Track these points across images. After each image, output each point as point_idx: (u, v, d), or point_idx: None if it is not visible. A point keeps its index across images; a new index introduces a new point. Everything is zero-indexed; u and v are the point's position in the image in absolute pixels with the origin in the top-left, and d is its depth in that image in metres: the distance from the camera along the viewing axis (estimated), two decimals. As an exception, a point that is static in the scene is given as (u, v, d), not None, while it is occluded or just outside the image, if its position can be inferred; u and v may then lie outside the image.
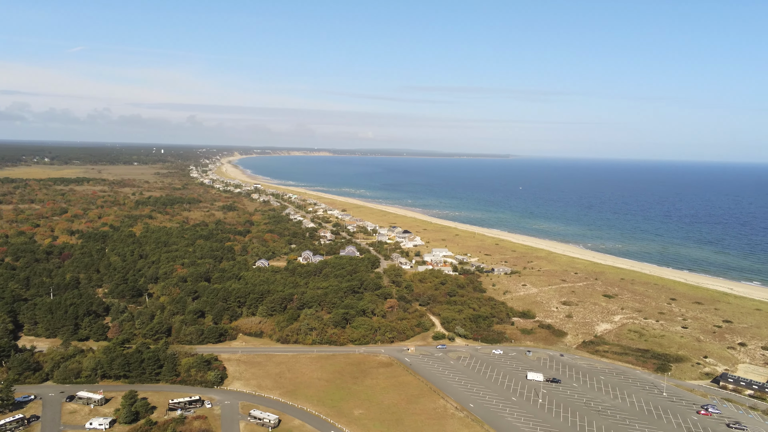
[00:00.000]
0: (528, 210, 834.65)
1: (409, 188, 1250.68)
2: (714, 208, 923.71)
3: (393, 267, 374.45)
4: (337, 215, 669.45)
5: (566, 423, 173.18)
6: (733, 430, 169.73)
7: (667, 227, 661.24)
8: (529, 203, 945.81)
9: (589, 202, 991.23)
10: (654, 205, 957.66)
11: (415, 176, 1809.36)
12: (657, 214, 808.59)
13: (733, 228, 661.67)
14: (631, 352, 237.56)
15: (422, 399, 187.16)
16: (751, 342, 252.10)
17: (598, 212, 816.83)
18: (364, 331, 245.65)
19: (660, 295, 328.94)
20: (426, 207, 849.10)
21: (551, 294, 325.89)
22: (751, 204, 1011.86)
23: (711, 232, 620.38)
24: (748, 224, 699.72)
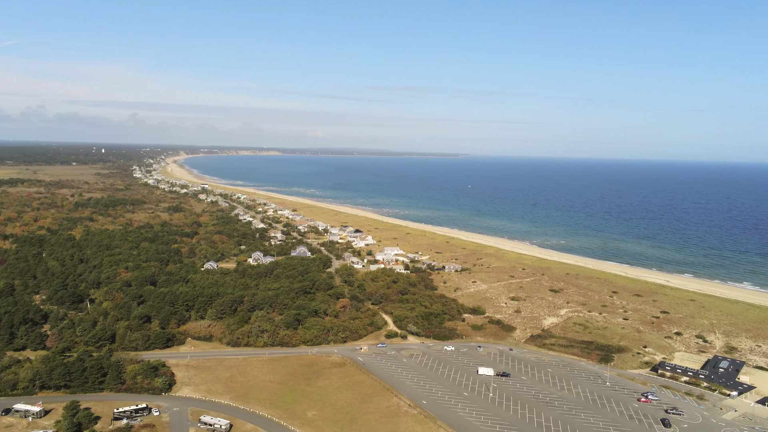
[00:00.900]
0: (477, 208, 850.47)
1: (360, 187, 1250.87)
2: (650, 204, 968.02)
3: (345, 266, 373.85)
4: (288, 215, 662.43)
5: (516, 415, 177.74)
6: (670, 415, 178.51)
7: (608, 223, 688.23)
8: (477, 201, 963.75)
9: (534, 199, 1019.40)
10: (595, 201, 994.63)
11: (366, 175, 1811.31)
12: (598, 210, 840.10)
13: (668, 223, 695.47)
14: (577, 345, 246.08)
15: (376, 398, 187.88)
16: (686, 331, 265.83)
17: (543, 209, 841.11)
18: (317, 331, 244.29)
19: (603, 288, 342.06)
20: (377, 206, 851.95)
21: (500, 290, 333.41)
22: (683, 200, 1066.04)
23: (648, 228, 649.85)
24: (681, 220, 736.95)
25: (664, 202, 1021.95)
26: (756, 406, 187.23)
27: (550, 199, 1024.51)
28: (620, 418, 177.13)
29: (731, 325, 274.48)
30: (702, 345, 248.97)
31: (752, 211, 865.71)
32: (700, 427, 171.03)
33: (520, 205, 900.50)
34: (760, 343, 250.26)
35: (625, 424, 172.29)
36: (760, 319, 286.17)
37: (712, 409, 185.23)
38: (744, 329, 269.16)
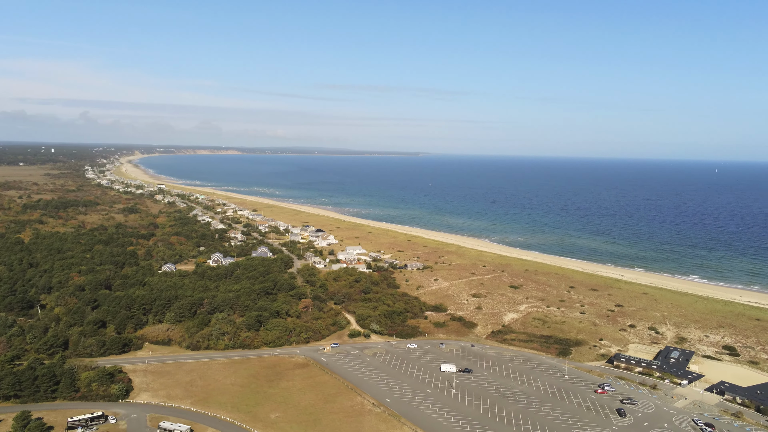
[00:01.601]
0: (438, 206, 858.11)
1: (321, 186, 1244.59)
2: (604, 201, 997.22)
3: (307, 266, 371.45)
4: (248, 215, 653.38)
5: (478, 410, 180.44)
6: (625, 405, 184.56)
7: (564, 220, 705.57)
8: (438, 200, 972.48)
9: (494, 197, 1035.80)
10: (552, 199, 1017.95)
11: (327, 174, 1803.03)
12: (555, 207, 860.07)
13: (621, 219, 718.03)
14: (536, 339, 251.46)
15: (339, 397, 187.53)
16: (640, 323, 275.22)
17: (502, 207, 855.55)
18: (279, 332, 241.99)
19: (560, 283, 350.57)
20: (339, 205, 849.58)
21: (462, 287, 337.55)
22: (635, 197, 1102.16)
23: (602, 224, 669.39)
24: (633, 216, 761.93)
25: (617, 198, 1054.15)
26: (704, 394, 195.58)
27: (508, 197, 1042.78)
28: (578, 409, 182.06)
29: (681, 317, 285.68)
30: (654, 336, 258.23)
31: (699, 207, 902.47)
32: (653, 416, 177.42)
33: (480, 203, 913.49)
34: (708, 333, 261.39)
35: (583, 415, 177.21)
36: (708, 310, 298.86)
37: (664, 397, 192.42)
38: (693, 320, 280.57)
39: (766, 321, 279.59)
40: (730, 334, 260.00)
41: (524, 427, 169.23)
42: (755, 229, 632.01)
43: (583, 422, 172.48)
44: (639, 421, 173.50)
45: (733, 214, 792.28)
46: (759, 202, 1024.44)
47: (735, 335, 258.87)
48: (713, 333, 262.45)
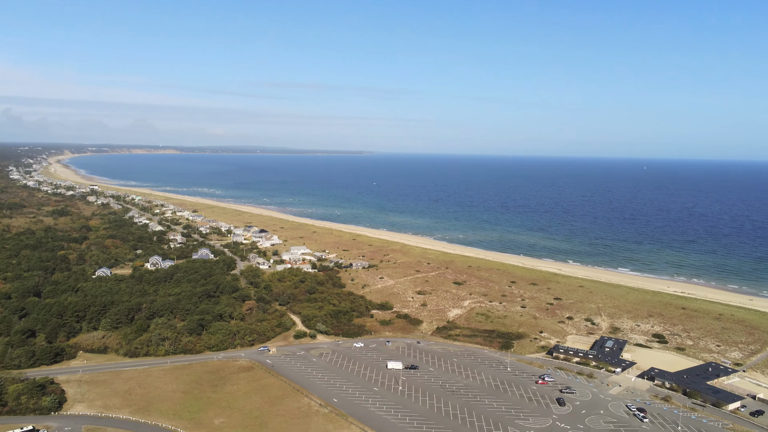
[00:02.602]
0: (382, 205, 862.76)
1: (263, 186, 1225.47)
2: (542, 198, 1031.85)
3: (250, 268, 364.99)
4: (188, 216, 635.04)
5: (424, 406, 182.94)
6: (564, 394, 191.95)
7: (505, 217, 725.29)
8: (382, 198, 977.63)
9: (436, 195, 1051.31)
10: (492, 196, 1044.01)
11: (269, 174, 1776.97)
12: (495, 205, 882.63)
13: (558, 216, 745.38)
14: (480, 334, 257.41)
15: (286, 399, 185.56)
16: (577, 315, 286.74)
17: (444, 205, 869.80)
18: (222, 336, 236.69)
19: (502, 279, 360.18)
20: (282, 205, 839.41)
21: (407, 285, 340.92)
22: (571, 194, 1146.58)
23: (540, 220, 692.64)
24: (569, 212, 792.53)
25: (553, 195, 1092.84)
26: (636, 380, 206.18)
27: (451, 195, 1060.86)
28: (520, 400, 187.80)
29: (615, 308, 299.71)
30: (590, 327, 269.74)
31: (629, 203, 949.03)
32: (590, 403, 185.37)
33: (424, 202, 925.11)
34: (639, 323, 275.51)
35: (525, 406, 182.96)
36: (639, 300, 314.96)
37: (600, 385, 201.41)
38: (625, 311, 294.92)
39: (691, 309, 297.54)
40: (659, 323, 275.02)
41: (469, 420, 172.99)
42: (680, 224, 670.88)
43: (525, 413, 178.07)
44: (577, 409, 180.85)
45: (659, 209, 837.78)
46: (683, 197, 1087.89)
47: (663, 324, 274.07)
48: (644, 322, 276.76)
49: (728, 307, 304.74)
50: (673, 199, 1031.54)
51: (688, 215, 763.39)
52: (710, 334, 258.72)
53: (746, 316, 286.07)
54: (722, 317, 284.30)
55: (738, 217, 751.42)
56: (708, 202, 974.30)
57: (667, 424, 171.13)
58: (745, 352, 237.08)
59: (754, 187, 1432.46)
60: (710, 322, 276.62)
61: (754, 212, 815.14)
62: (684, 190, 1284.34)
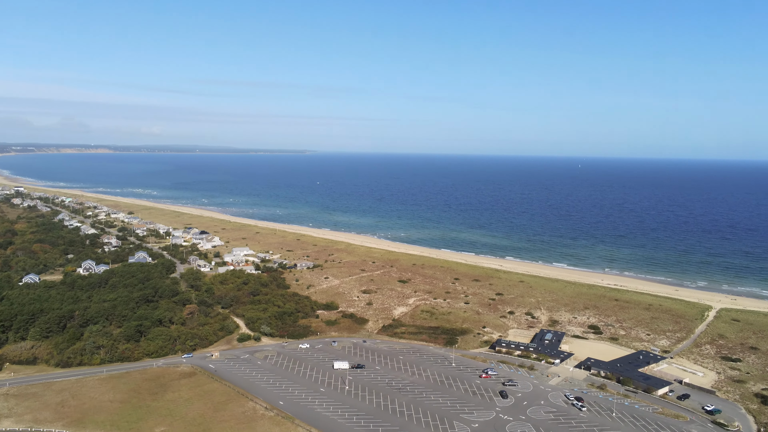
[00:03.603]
0: (326, 204, 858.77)
1: (203, 186, 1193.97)
2: (483, 196, 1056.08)
3: (191, 271, 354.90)
4: (124, 219, 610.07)
5: (371, 405, 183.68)
6: (507, 387, 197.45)
7: (447, 215, 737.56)
8: (326, 198, 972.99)
9: (380, 194, 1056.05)
10: (435, 195, 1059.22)
11: (209, 173, 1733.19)
12: (438, 203, 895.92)
13: (498, 213, 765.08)
14: (425, 331, 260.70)
15: (230, 404, 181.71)
16: (518, 310, 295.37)
17: (388, 204, 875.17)
18: (162, 342, 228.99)
19: (446, 276, 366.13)
20: (223, 205, 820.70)
21: (352, 284, 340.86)
22: (510, 191, 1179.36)
23: (481, 218, 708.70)
24: (509, 209, 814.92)
25: (495, 193, 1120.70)
26: (574, 370, 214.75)
27: (394, 194, 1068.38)
28: (465, 395, 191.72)
29: (553, 301, 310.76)
30: (531, 321, 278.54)
31: (564, 200, 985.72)
32: (531, 395, 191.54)
33: (368, 201, 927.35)
34: (576, 315, 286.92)
35: (470, 400, 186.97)
36: (575, 294, 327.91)
37: (541, 377, 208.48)
38: (563, 304, 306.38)
39: (623, 301, 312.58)
40: (594, 315, 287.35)
41: (415, 416, 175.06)
42: (611, 219, 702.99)
43: (469, 407, 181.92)
44: (519, 400, 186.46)
45: (593, 206, 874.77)
46: (614, 193, 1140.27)
47: (598, 315, 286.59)
48: (580, 314, 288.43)
49: (656, 297, 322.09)
50: (605, 196, 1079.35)
51: (618, 211, 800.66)
52: (641, 324, 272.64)
53: (673, 306, 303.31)
54: (651, 307, 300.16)
55: (663, 212, 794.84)
56: (637, 199, 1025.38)
57: (602, 411, 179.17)
58: (672, 340, 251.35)
59: (680, 184, 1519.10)
60: (641, 312, 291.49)
61: (678, 208, 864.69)
62: (616, 187, 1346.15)
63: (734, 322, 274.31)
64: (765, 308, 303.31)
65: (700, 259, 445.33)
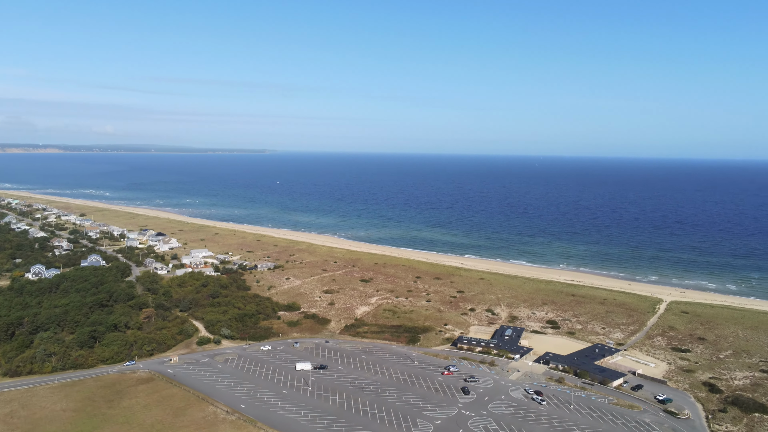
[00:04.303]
0: (286, 204, 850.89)
1: (159, 187, 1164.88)
2: (442, 194, 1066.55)
3: (147, 273, 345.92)
4: (75, 221, 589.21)
5: (335, 405, 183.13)
6: (469, 383, 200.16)
7: (408, 214, 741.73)
8: (286, 198, 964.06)
9: (341, 194, 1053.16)
10: (396, 194, 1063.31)
11: (165, 174, 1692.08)
12: (398, 202, 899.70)
13: (458, 211, 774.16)
14: (387, 330, 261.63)
15: (190, 410, 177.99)
16: (478, 307, 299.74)
17: (349, 203, 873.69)
18: (118, 347, 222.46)
19: (407, 275, 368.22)
20: (180, 206, 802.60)
21: (314, 284, 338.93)
22: (470, 190, 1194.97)
23: (441, 216, 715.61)
24: (469, 208, 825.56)
25: (454, 192, 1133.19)
26: (533, 365, 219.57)
27: (355, 194, 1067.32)
28: (428, 392, 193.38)
29: (512, 298, 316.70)
30: (491, 317, 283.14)
31: (522, 198, 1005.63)
32: (492, 390, 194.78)
33: (328, 200, 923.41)
34: (535, 311, 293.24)
35: (432, 397, 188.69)
36: (534, 290, 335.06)
37: (501, 372, 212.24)
38: (522, 300, 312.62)
39: (580, 296, 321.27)
40: (552, 310, 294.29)
41: (379, 415, 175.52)
42: (567, 216, 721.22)
43: (432, 404, 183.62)
44: (480, 396, 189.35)
45: (549, 204, 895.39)
46: (570, 191, 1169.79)
47: (556, 310, 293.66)
48: (539, 310, 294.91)
49: (611, 292, 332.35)
50: (562, 194, 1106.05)
51: (574, 209, 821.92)
52: (596, 318, 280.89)
53: (626, 300, 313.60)
54: (606, 302, 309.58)
55: (616, 209, 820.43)
56: (591, 196, 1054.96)
57: (561, 404, 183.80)
58: (626, 333, 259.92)
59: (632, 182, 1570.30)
60: (596, 306, 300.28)
61: (630, 205, 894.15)
62: (572, 185, 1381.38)
63: (683, 314, 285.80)
64: (711, 300, 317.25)
65: (652, 255, 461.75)
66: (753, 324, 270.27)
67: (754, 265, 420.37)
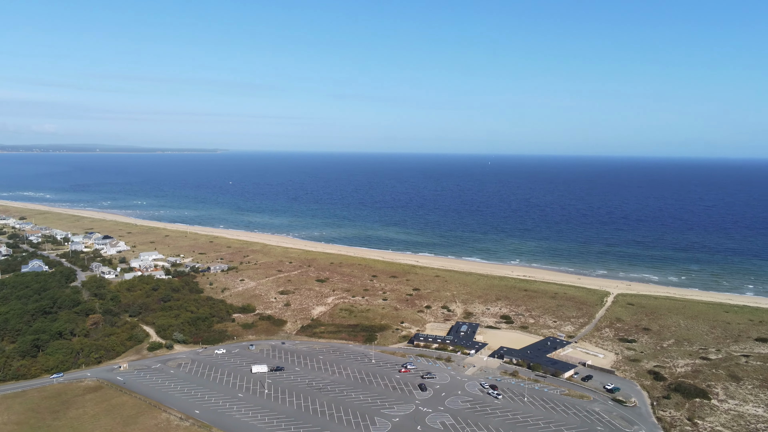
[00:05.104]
0: (239, 205, 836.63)
1: (105, 188, 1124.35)
2: (398, 193, 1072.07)
3: (94, 278, 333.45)
4: (14, 224, 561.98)
5: (292, 407, 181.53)
6: (426, 380, 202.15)
7: (363, 213, 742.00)
8: (239, 198, 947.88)
9: (295, 194, 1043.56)
10: (351, 193, 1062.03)
11: (111, 175, 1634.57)
12: (353, 201, 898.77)
13: (413, 210, 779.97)
14: (344, 329, 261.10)
15: (141, 418, 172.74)
16: (434, 304, 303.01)
17: (303, 203, 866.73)
18: (63, 356, 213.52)
19: (364, 273, 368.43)
20: (128, 208, 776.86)
21: (269, 285, 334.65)
22: (424, 188, 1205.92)
23: (396, 215, 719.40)
24: (423, 206, 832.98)
25: (408, 191, 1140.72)
26: (488, 360, 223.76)
27: (309, 193, 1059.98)
28: (385, 390, 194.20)
29: (467, 294, 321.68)
30: (447, 314, 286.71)
31: (475, 196, 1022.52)
32: (449, 386, 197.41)
33: (282, 200, 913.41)
34: (489, 306, 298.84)
35: (390, 395, 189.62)
36: (487, 286, 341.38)
37: (457, 368, 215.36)
38: (476, 296, 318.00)
39: (532, 291, 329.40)
40: (505, 305, 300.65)
41: (337, 415, 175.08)
42: (519, 214, 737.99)
43: (390, 401, 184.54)
44: (437, 392, 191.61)
45: (501, 201, 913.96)
46: (522, 189, 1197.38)
47: (509, 306, 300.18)
48: (493, 305, 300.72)
49: (561, 286, 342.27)
50: (513, 192, 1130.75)
51: (525, 206, 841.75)
52: (548, 312, 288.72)
53: (576, 294, 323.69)
54: (557, 296, 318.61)
55: (566, 206, 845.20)
56: (542, 193, 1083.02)
57: (515, 397, 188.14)
58: (576, 325, 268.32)
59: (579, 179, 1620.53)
60: (548, 301, 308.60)
61: (578, 201, 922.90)
62: (523, 183, 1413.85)
63: (629, 306, 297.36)
64: (654, 292, 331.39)
65: (599, 249, 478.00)
66: (693, 314, 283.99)
67: (693, 258, 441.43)
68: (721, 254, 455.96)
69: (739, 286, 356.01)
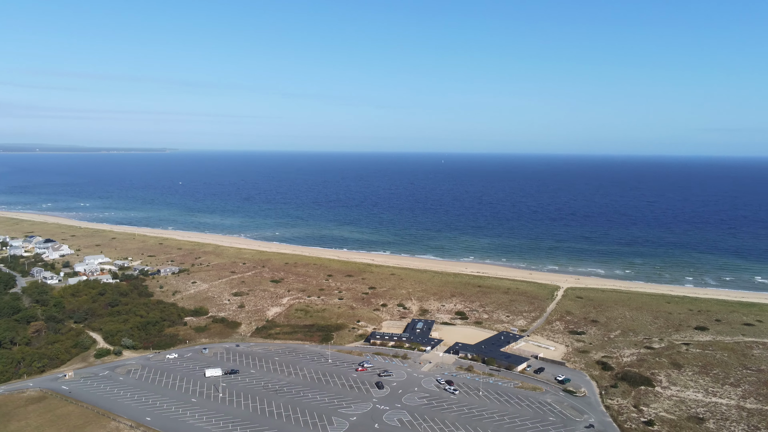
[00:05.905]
0: (189, 206, 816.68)
1: (46, 189, 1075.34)
2: (352, 192, 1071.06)
3: (35, 284, 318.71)
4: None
5: (247, 410, 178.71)
6: (383, 378, 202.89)
7: (317, 212, 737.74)
8: (189, 199, 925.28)
9: (248, 193, 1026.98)
10: (305, 192, 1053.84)
11: (53, 175, 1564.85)
12: (307, 201, 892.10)
13: (367, 209, 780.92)
14: (300, 330, 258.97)
15: (88, 427, 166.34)
16: (390, 302, 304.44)
17: (256, 203, 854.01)
18: (2, 366, 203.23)
19: (319, 273, 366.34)
20: (70, 210, 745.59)
21: (222, 287, 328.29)
22: (378, 187, 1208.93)
23: (350, 214, 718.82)
24: (377, 205, 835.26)
25: (363, 189, 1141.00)
26: (444, 356, 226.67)
27: (262, 193, 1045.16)
28: (342, 390, 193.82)
29: (423, 292, 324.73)
30: (403, 312, 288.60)
31: (428, 194, 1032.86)
32: (405, 383, 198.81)
33: (234, 200, 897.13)
34: (444, 303, 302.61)
35: (347, 395, 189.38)
36: (442, 283, 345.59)
37: (414, 365, 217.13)
38: (432, 293, 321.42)
39: (485, 287, 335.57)
40: (460, 302, 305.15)
41: (293, 417, 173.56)
42: (472, 211, 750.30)
43: (347, 401, 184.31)
44: (395, 390, 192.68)
45: (454, 199, 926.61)
46: (474, 187, 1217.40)
47: (464, 302, 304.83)
48: (448, 302, 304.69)
49: (514, 281, 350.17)
50: (466, 190, 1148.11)
51: (478, 204, 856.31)
52: (501, 307, 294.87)
53: (528, 289, 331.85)
54: (510, 291, 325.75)
55: (516, 203, 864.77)
56: (493, 191, 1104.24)
57: (471, 391, 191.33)
58: (528, 319, 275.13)
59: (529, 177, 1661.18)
60: (501, 296, 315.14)
61: (528, 198, 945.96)
62: (476, 181, 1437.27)
63: (578, 299, 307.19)
64: (601, 285, 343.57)
65: (549, 245, 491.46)
66: (638, 305, 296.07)
67: (637, 252, 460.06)
68: (663, 248, 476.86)
69: (679, 278, 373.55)
